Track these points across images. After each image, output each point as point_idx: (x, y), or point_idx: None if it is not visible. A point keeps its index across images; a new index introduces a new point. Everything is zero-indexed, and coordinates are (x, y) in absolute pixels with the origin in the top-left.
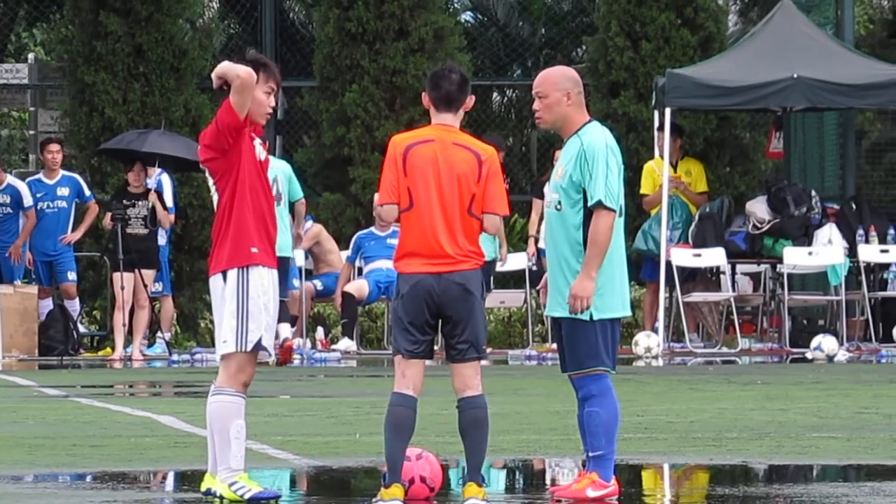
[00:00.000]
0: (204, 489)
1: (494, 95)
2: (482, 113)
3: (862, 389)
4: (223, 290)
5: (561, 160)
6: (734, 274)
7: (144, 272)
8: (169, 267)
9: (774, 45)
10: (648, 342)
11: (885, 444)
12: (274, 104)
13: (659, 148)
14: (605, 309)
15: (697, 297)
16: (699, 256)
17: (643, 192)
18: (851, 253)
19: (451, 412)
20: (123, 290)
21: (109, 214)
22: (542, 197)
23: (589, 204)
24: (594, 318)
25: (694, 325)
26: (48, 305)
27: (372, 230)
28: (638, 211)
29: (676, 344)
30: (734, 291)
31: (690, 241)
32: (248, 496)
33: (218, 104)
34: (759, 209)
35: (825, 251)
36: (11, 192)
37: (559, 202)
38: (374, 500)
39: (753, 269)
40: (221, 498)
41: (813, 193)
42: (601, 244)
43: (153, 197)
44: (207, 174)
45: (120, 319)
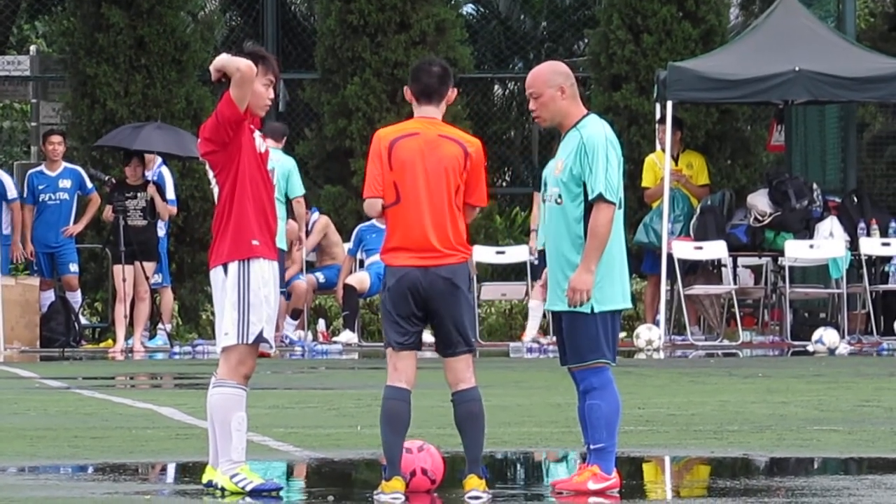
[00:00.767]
0: (205, 481)
1: (496, 88)
2: (483, 106)
3: (863, 382)
4: (224, 282)
5: (560, 154)
6: (735, 267)
7: (145, 264)
8: (169, 258)
9: (776, 38)
10: (650, 335)
11: (886, 437)
12: (273, 96)
13: (660, 141)
14: (605, 301)
15: (699, 289)
16: (700, 249)
17: (644, 185)
18: (853, 246)
19: (451, 404)
20: (125, 282)
21: (109, 207)
22: None
23: (589, 197)
24: (595, 310)
25: (695, 317)
26: (50, 297)
27: (374, 223)
28: (639, 204)
29: (678, 337)
30: (735, 284)
31: (692, 233)
32: (249, 488)
33: (219, 97)
34: (760, 202)
35: (826, 244)
36: None
37: (559, 196)
38: (375, 492)
39: (755, 262)
40: (223, 490)
41: (814, 186)
42: (601, 237)
43: (152, 189)
44: (208, 167)
45: (121, 311)
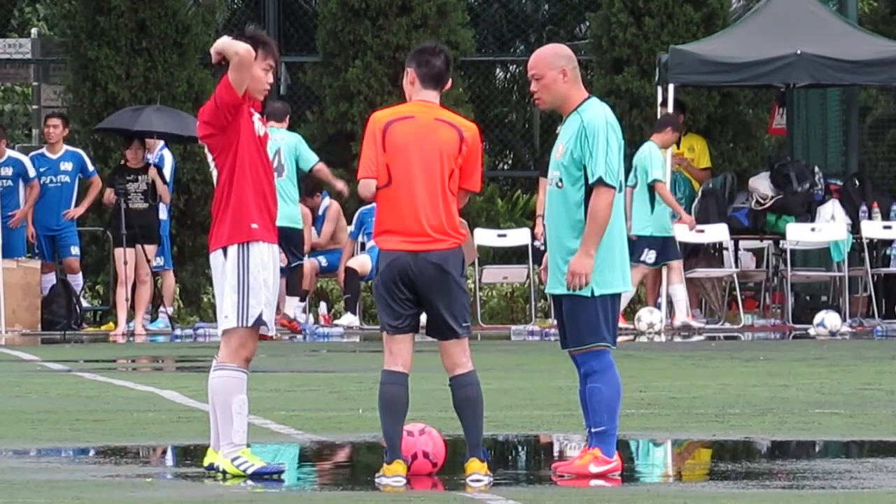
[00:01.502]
0: (206, 464)
1: (497, 71)
2: (485, 89)
3: (864, 365)
4: (224, 265)
5: (561, 137)
6: (737, 250)
7: (146, 247)
8: (170, 241)
9: (777, 21)
10: (651, 318)
11: (887, 420)
12: (272, 81)
13: None
14: (605, 284)
15: (700, 272)
16: (702, 232)
17: None
18: (854, 229)
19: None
20: (126, 265)
21: (110, 190)
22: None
23: (589, 181)
24: (595, 293)
25: (697, 300)
26: (51, 280)
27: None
28: None
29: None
30: (737, 267)
31: (693, 217)
32: (250, 471)
33: (218, 80)
34: (761, 185)
35: (828, 227)
36: (14, 164)
37: (560, 179)
38: (376, 475)
39: (756, 245)
40: (224, 473)
41: (816, 170)
42: (601, 221)
43: (153, 172)
44: (207, 150)
45: (122, 294)
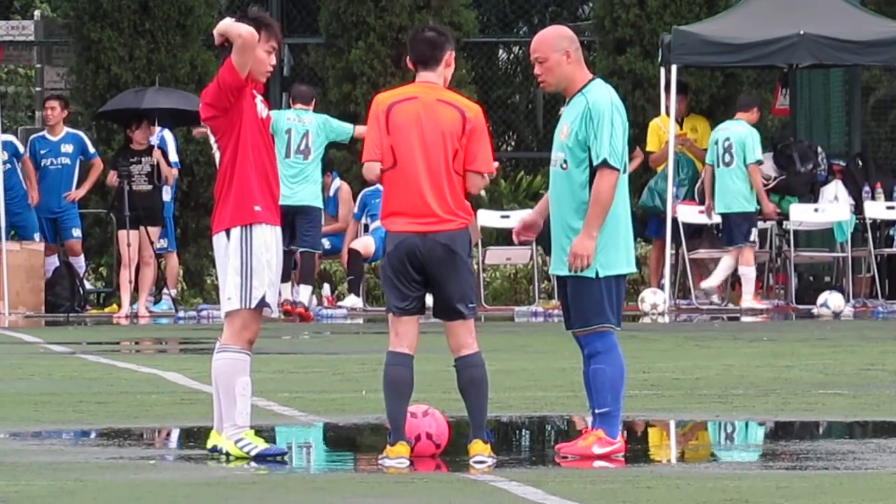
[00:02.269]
0: (210, 446)
1: (500, 52)
2: (488, 70)
3: (868, 346)
4: (227, 247)
5: (565, 118)
6: None
7: (150, 229)
8: (174, 223)
9: (780, 1)
10: (654, 299)
11: (890, 400)
12: (275, 63)
13: (665, 106)
14: (609, 266)
15: (703, 253)
16: (705, 213)
17: (649, 149)
18: (857, 210)
19: (454, 370)
20: (129, 247)
21: (114, 172)
22: None
23: (594, 163)
24: (599, 275)
25: (700, 281)
26: (54, 262)
27: (378, 187)
28: (644, 168)
29: (682, 301)
30: None
31: (696, 197)
32: (254, 453)
33: (221, 62)
34: (765, 166)
35: (831, 208)
36: (7, 146)
37: (564, 161)
38: (379, 457)
39: (759, 225)
40: (227, 455)
41: (819, 150)
42: (604, 203)
43: (157, 153)
44: (209, 132)
45: (126, 276)
